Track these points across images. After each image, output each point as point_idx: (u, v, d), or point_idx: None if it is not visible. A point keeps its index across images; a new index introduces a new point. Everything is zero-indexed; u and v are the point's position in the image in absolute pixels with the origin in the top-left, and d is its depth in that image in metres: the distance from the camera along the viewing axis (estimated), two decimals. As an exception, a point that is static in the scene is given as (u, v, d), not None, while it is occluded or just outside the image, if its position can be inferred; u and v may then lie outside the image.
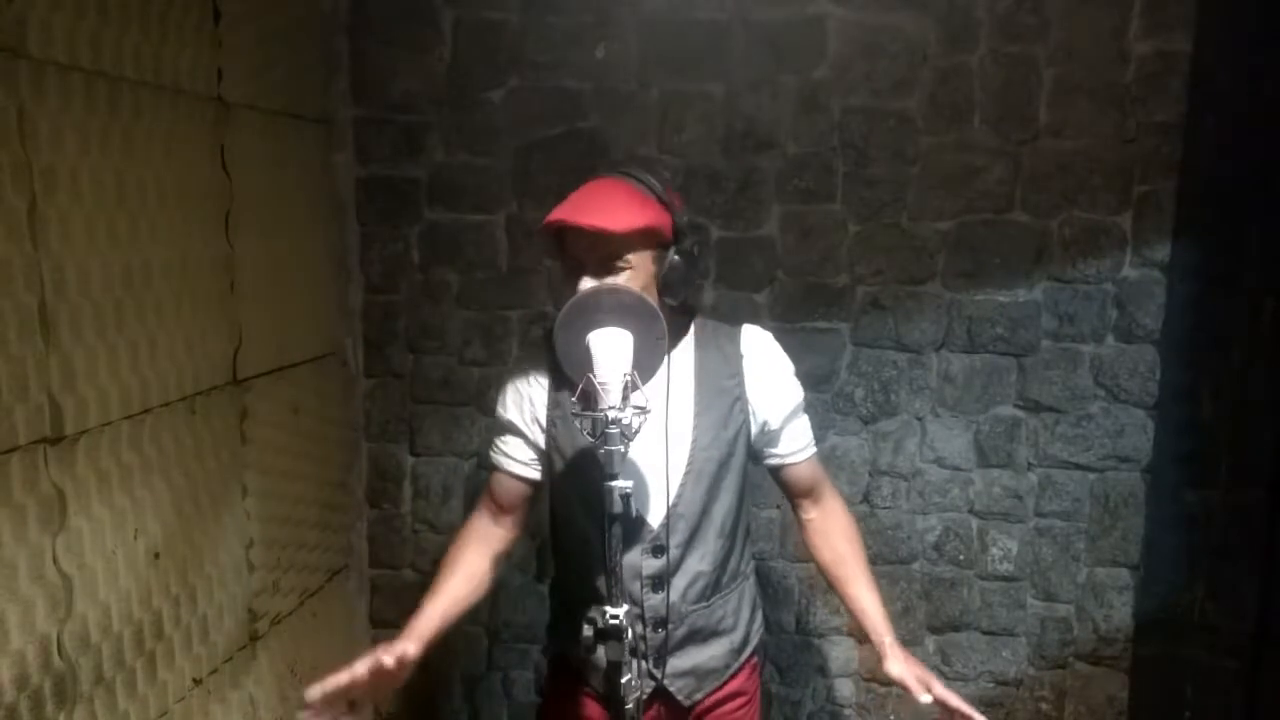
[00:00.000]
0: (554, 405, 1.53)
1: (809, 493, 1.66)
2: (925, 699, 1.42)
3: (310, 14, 2.22)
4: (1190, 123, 2.25)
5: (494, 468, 1.61)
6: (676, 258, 1.45)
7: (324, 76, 2.31)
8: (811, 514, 1.66)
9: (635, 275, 1.42)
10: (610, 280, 1.39)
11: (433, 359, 2.51)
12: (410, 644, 1.37)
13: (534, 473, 1.58)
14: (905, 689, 1.45)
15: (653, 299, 1.43)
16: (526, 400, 1.55)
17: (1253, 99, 2.11)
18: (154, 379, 1.60)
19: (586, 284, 1.39)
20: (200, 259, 1.75)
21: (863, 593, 1.58)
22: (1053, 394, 2.40)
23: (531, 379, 1.55)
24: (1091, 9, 2.24)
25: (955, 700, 1.41)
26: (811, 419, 2.41)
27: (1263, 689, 2.03)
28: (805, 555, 1.80)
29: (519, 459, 1.58)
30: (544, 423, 1.54)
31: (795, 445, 1.62)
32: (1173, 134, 2.27)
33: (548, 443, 1.55)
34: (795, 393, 1.61)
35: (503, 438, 1.59)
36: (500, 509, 1.60)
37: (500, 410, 1.59)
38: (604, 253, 1.40)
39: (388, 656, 1.32)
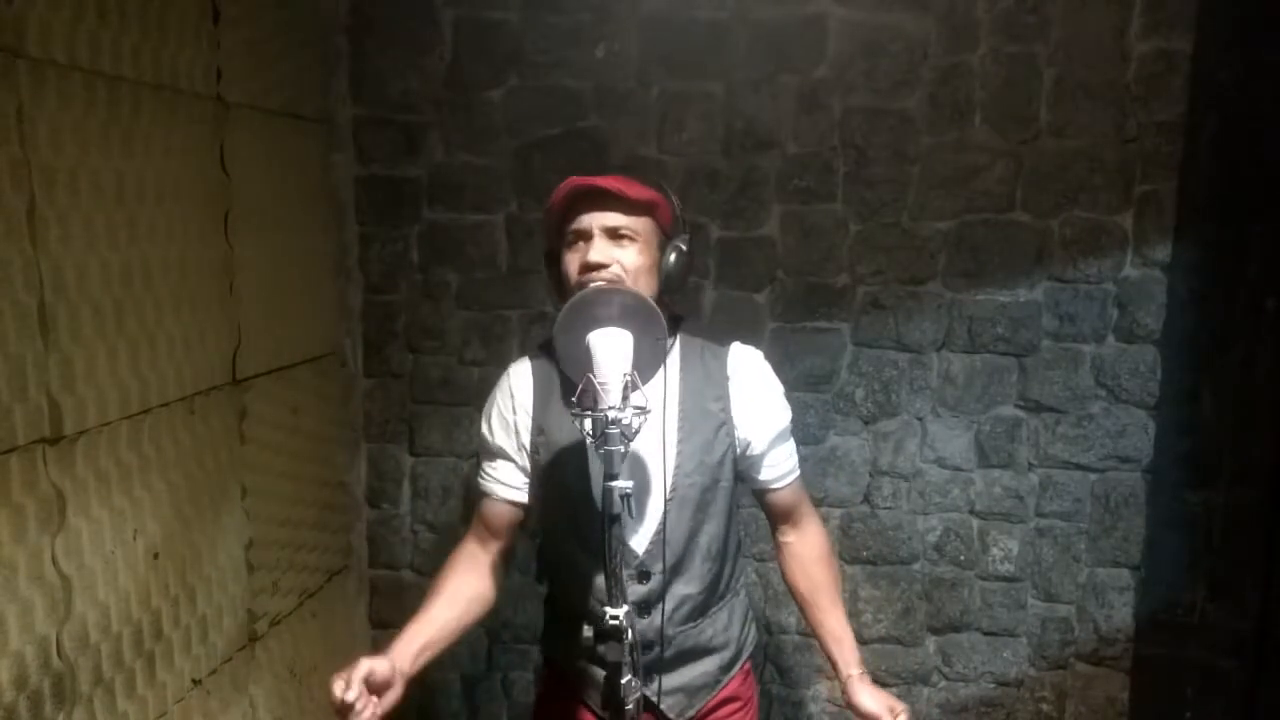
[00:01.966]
0: (538, 432, 1.52)
1: (789, 517, 1.63)
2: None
3: (310, 14, 2.22)
4: (1191, 122, 2.25)
5: (483, 494, 1.59)
6: (681, 246, 1.47)
7: (324, 76, 2.31)
8: (789, 537, 1.64)
9: (642, 250, 1.44)
10: (601, 255, 1.41)
11: (432, 359, 2.51)
12: (383, 661, 1.32)
13: (523, 496, 1.57)
14: None
15: (653, 289, 1.45)
16: (511, 427, 1.54)
17: (1253, 99, 2.11)
18: (153, 379, 1.60)
19: (596, 253, 1.41)
20: (199, 259, 1.75)
21: (835, 622, 1.57)
22: (1053, 394, 2.39)
23: (516, 404, 1.54)
24: (1092, 8, 2.24)
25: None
26: (812, 419, 2.44)
27: (1263, 689, 2.03)
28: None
29: (508, 484, 1.56)
30: (529, 448, 1.53)
31: (779, 471, 1.59)
32: (1173, 133, 2.27)
33: (532, 467, 1.54)
34: (782, 417, 1.58)
35: (491, 464, 1.58)
36: (491, 534, 1.58)
37: (487, 435, 1.57)
38: (614, 222, 1.42)
39: (357, 674, 1.27)
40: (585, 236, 1.44)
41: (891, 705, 1.46)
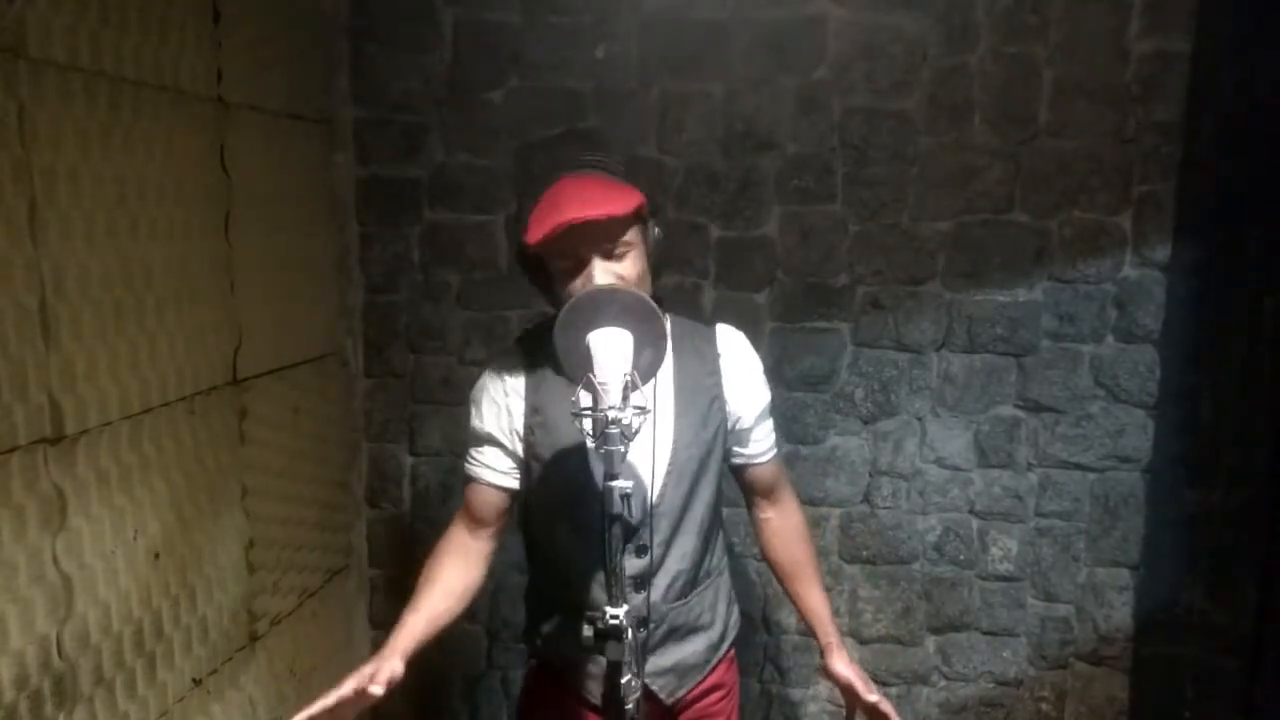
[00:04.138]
0: (532, 413, 1.51)
1: (769, 493, 1.67)
2: (871, 698, 1.47)
3: (310, 14, 2.22)
4: (1190, 122, 2.26)
5: (471, 479, 1.58)
6: (658, 230, 1.48)
7: (324, 76, 2.31)
8: (768, 514, 1.68)
9: (636, 256, 1.44)
10: (606, 278, 1.40)
11: (433, 359, 2.52)
12: (397, 662, 1.35)
13: (513, 482, 1.56)
14: (849, 688, 1.50)
15: (649, 282, 1.46)
16: (504, 411, 1.53)
17: (1253, 99, 2.11)
18: (154, 379, 1.60)
19: (601, 277, 1.40)
20: (200, 259, 1.75)
21: (814, 594, 1.64)
22: (1053, 394, 2.40)
23: (508, 388, 1.53)
24: (1091, 9, 2.24)
25: (887, 706, 1.47)
26: (811, 419, 2.45)
27: (1263, 689, 2.03)
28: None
29: (498, 469, 1.56)
30: (522, 432, 1.53)
31: (763, 446, 1.63)
32: (1173, 134, 2.27)
33: (526, 451, 1.53)
34: (766, 393, 1.63)
35: (480, 449, 1.57)
36: (479, 521, 1.57)
37: (477, 422, 1.56)
38: (612, 241, 1.41)
39: (377, 686, 1.29)
40: (581, 263, 1.41)
41: (864, 677, 1.51)
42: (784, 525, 1.68)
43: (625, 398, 1.23)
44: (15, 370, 1.30)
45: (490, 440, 1.55)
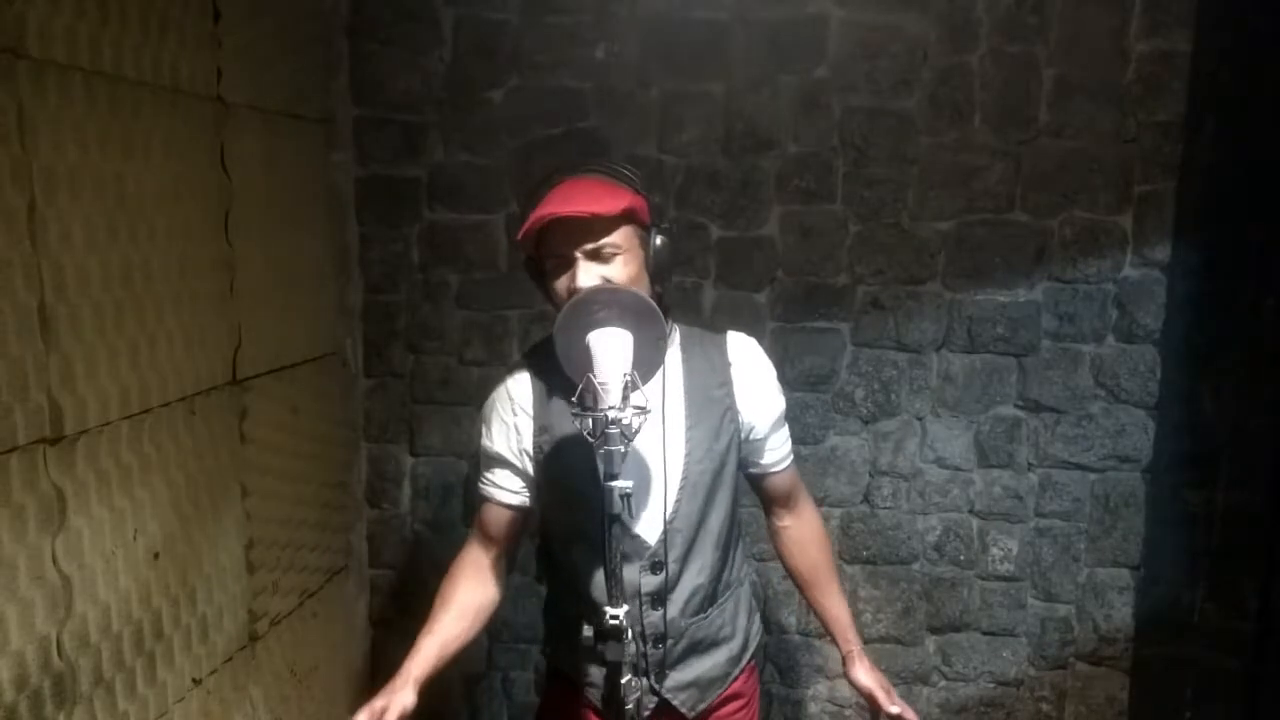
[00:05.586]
0: (540, 431, 1.50)
1: (786, 501, 1.66)
2: (893, 709, 1.49)
3: (310, 14, 2.22)
4: (1190, 122, 2.25)
5: (484, 499, 1.58)
6: (661, 237, 1.43)
7: (324, 76, 2.31)
8: (786, 521, 1.67)
9: (628, 259, 1.40)
10: (591, 279, 1.37)
11: (432, 359, 2.51)
12: (409, 694, 1.38)
13: (525, 500, 1.56)
14: (871, 697, 1.53)
15: (646, 288, 1.42)
16: (513, 430, 1.52)
17: (1253, 99, 2.11)
18: (153, 379, 1.60)
19: (584, 277, 1.37)
20: (200, 259, 1.75)
21: (834, 601, 1.65)
22: (1053, 394, 2.40)
23: (516, 407, 1.52)
24: (1092, 8, 2.24)
25: (911, 715, 1.49)
26: (812, 419, 2.44)
27: (1263, 689, 2.04)
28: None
29: (510, 488, 1.55)
30: (531, 451, 1.51)
31: (778, 455, 1.61)
32: (1173, 134, 2.27)
33: (536, 470, 1.52)
34: (780, 401, 1.60)
35: (491, 470, 1.56)
36: (492, 540, 1.58)
37: (486, 442, 1.55)
38: (596, 241, 1.37)
39: (391, 717, 1.32)
40: (567, 262, 1.40)
41: (887, 687, 1.53)
42: (802, 533, 1.66)
43: (625, 398, 1.23)
44: (15, 370, 1.30)
45: (500, 460, 1.54)
